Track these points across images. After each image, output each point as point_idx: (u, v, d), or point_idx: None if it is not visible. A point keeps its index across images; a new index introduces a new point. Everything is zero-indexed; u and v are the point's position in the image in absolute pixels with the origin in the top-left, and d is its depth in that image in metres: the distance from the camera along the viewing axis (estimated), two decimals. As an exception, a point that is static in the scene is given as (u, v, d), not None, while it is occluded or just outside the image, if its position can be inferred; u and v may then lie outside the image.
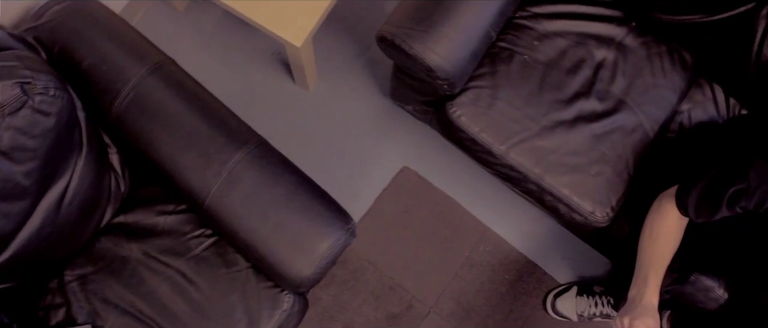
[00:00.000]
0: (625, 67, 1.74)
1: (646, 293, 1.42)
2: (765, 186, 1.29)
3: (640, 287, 1.44)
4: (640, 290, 1.43)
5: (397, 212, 2.01)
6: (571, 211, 1.69)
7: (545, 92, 1.69)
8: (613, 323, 1.42)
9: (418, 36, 1.52)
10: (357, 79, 2.08)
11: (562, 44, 1.73)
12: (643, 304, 1.41)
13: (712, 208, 1.38)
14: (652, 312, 1.40)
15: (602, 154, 1.68)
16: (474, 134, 1.66)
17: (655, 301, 1.43)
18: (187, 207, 1.63)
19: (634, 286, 1.46)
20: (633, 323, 1.37)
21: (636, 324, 1.36)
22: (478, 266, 2.00)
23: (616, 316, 1.44)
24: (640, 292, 1.43)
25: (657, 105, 1.74)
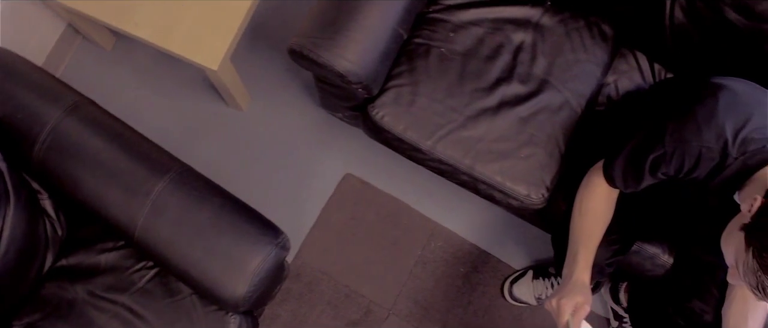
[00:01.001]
0: (544, 47, 1.77)
1: (575, 270, 1.42)
2: (681, 150, 1.30)
3: (570, 265, 1.45)
4: (570, 268, 1.44)
5: (344, 220, 2.04)
6: (507, 196, 1.71)
7: (466, 82, 1.71)
8: (546, 304, 1.43)
9: (325, 44, 1.54)
10: (289, 94, 2.10)
11: (478, 32, 1.76)
12: (572, 282, 1.41)
13: (637, 177, 1.40)
14: (582, 289, 1.39)
15: (531, 136, 1.70)
16: (399, 133, 1.69)
17: (586, 278, 1.43)
18: (125, 242, 1.66)
19: (566, 264, 1.47)
20: (560, 302, 1.36)
21: (563, 303, 1.35)
22: (432, 263, 2.03)
23: (548, 297, 1.46)
24: (570, 270, 1.44)
25: (581, 80, 1.77)
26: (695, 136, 1.29)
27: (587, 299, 1.37)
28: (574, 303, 1.36)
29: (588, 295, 1.39)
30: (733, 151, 1.26)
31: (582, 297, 1.37)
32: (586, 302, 1.36)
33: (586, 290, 1.40)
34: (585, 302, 1.36)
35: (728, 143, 1.26)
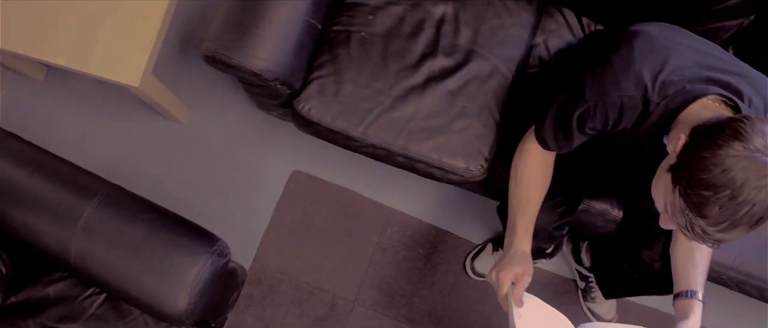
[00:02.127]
0: (466, 16, 1.76)
1: (514, 240, 1.42)
2: (603, 102, 1.30)
3: (510, 236, 1.44)
4: (510, 239, 1.43)
5: (297, 218, 2.04)
6: (446, 173, 1.71)
7: (390, 63, 1.71)
8: (487, 277, 1.42)
9: (235, 46, 1.54)
10: (227, 99, 2.10)
11: (397, 11, 1.75)
12: (511, 252, 1.40)
13: (567, 136, 1.39)
14: (521, 260, 1.38)
15: (462, 109, 1.70)
16: (328, 124, 1.69)
17: (526, 247, 1.42)
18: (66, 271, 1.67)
19: (506, 235, 1.47)
20: (498, 275, 1.35)
21: (501, 276, 1.35)
22: (390, 249, 2.03)
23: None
24: (510, 240, 1.43)
25: (509, 45, 1.76)
26: (614, 86, 1.28)
27: (527, 270, 1.37)
28: (513, 275, 1.35)
29: (528, 265, 1.38)
30: (654, 97, 1.25)
31: (521, 268, 1.36)
32: (526, 273, 1.36)
33: (526, 259, 1.40)
34: (525, 272, 1.36)
35: (648, 89, 1.26)
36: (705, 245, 1.18)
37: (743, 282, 1.75)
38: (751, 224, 1.07)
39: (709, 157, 1.06)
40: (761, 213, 1.05)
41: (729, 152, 1.04)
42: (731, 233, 1.08)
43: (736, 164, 1.03)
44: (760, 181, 1.03)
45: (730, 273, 1.74)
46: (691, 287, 1.39)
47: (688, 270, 1.42)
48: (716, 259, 1.72)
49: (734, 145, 1.04)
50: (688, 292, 1.38)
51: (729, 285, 1.79)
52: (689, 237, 1.16)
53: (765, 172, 1.03)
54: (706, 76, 1.27)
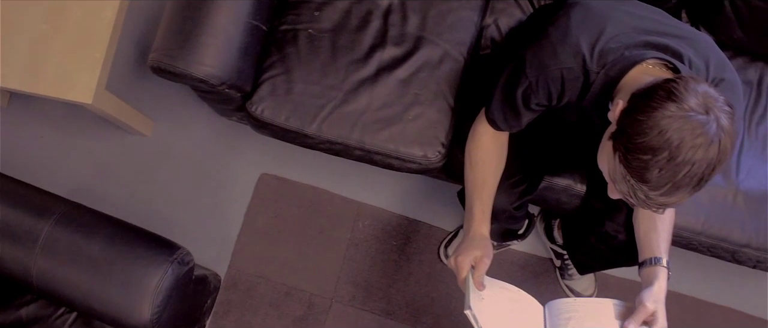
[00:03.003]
0: (413, 4, 1.77)
1: (472, 224, 1.42)
2: (543, 77, 1.30)
3: (468, 220, 1.45)
4: (468, 223, 1.44)
5: (269, 220, 2.05)
6: (404, 162, 1.72)
7: (340, 57, 1.72)
8: (447, 262, 1.43)
9: (178, 54, 1.56)
10: (190, 109, 2.12)
11: (344, 5, 1.76)
12: (469, 236, 1.41)
13: (515, 114, 1.39)
14: (480, 243, 1.39)
15: (415, 97, 1.70)
16: (282, 124, 1.70)
17: (484, 230, 1.43)
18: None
19: (465, 219, 1.47)
20: (457, 260, 1.36)
21: (460, 261, 1.35)
22: (364, 243, 2.04)
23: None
24: (468, 224, 1.44)
25: (458, 29, 1.76)
26: (552, 59, 1.29)
27: (487, 252, 1.37)
28: (471, 258, 1.35)
29: (487, 248, 1.38)
30: (593, 66, 1.26)
31: (480, 251, 1.36)
32: (485, 255, 1.36)
33: (485, 243, 1.40)
34: (484, 255, 1.36)
35: (586, 59, 1.26)
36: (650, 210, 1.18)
37: (714, 246, 1.75)
38: (693, 184, 1.07)
39: (645, 120, 1.06)
40: (701, 173, 1.05)
41: (663, 114, 1.04)
42: (674, 195, 1.09)
43: (671, 124, 1.03)
44: (696, 140, 1.03)
45: (700, 238, 1.73)
46: (655, 255, 1.39)
47: (651, 238, 1.42)
48: (684, 225, 1.72)
49: (668, 106, 1.04)
50: (651, 259, 1.38)
51: (700, 250, 1.79)
52: (634, 204, 1.16)
53: (701, 130, 1.03)
54: (644, 40, 1.27)
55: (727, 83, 1.29)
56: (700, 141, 1.03)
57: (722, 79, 1.28)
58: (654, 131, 1.04)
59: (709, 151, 1.04)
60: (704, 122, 1.03)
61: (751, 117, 1.79)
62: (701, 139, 1.03)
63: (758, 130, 1.78)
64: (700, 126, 1.03)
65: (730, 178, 1.73)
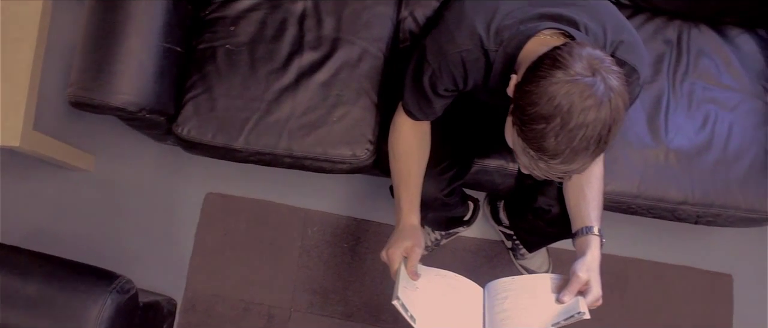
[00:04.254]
0: (327, 6, 1.79)
1: (401, 216, 1.44)
2: (444, 62, 1.33)
3: (396, 212, 1.46)
4: (397, 215, 1.46)
5: (219, 238, 2.08)
6: (334, 164, 1.74)
7: (259, 69, 1.74)
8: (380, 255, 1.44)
9: (93, 86, 1.58)
10: (128, 138, 2.14)
11: (258, 16, 1.79)
12: (399, 227, 1.43)
13: (427, 102, 1.42)
14: (410, 233, 1.40)
15: (338, 98, 1.73)
16: (209, 141, 1.72)
17: (413, 220, 1.44)
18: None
19: (394, 211, 1.49)
20: (388, 252, 1.38)
21: (391, 253, 1.37)
22: (315, 249, 2.07)
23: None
24: (397, 216, 1.46)
25: (374, 25, 1.79)
26: (450, 44, 1.31)
27: (417, 242, 1.38)
28: (402, 249, 1.37)
29: (417, 237, 1.40)
30: (490, 45, 1.28)
31: (411, 241, 1.38)
32: (416, 245, 1.37)
33: (415, 232, 1.41)
34: (415, 244, 1.37)
35: (483, 39, 1.28)
36: (555, 180, 1.21)
37: (652, 207, 1.77)
38: (592, 147, 1.09)
39: (534, 90, 1.08)
40: (597, 134, 1.07)
41: (551, 81, 1.07)
42: (575, 161, 1.11)
43: (559, 90, 1.06)
44: (585, 102, 1.05)
45: (638, 201, 1.76)
46: (586, 224, 1.41)
47: (581, 208, 1.44)
48: (621, 191, 1.75)
49: (555, 73, 1.07)
50: (583, 229, 1.40)
51: (640, 213, 1.81)
52: (537, 175, 1.18)
53: (589, 92, 1.05)
54: (538, 13, 1.29)
55: (626, 45, 1.32)
56: (589, 103, 1.05)
57: (622, 41, 1.31)
58: (544, 99, 1.07)
59: (601, 112, 1.06)
60: (591, 84, 1.06)
61: (674, 75, 1.82)
62: (591, 100, 1.05)
63: (683, 88, 1.81)
64: (588, 88, 1.05)
65: (659, 138, 1.76)
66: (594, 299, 1.28)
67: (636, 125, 1.77)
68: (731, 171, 1.76)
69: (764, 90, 1.83)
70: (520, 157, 1.18)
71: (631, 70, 1.31)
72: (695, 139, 1.77)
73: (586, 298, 1.28)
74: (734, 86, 1.83)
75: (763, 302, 2.12)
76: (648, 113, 1.78)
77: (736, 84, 1.83)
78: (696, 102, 1.80)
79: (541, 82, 1.08)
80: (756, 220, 1.78)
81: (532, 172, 1.18)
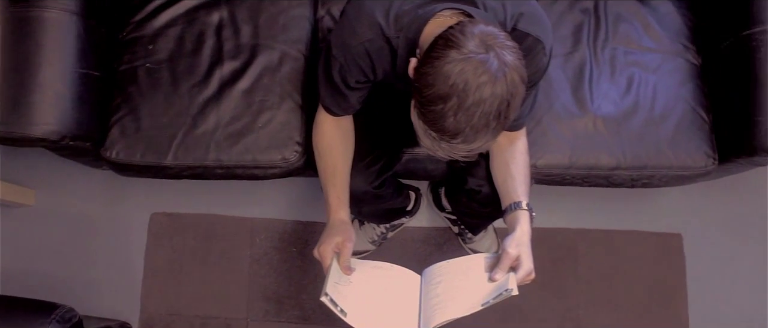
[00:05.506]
0: (243, 14, 1.82)
1: (330, 212, 1.46)
2: (350, 55, 1.34)
3: (326, 209, 1.48)
4: (327, 212, 1.48)
5: (168, 257, 2.10)
6: (265, 169, 1.76)
7: (181, 84, 1.76)
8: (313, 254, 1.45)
9: (12, 119, 1.60)
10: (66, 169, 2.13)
11: (176, 32, 1.81)
12: (329, 224, 1.45)
13: (342, 96, 1.43)
14: (340, 228, 1.42)
15: (261, 104, 1.75)
16: (138, 162, 1.74)
17: (343, 215, 1.46)
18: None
19: (325, 208, 1.50)
20: (319, 249, 1.39)
21: (322, 250, 1.39)
22: (265, 257, 2.08)
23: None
24: (327, 213, 1.47)
25: (292, 27, 1.82)
26: (353, 36, 1.32)
27: (347, 236, 1.40)
28: (333, 245, 1.39)
29: (347, 232, 1.42)
30: (391, 32, 1.29)
31: (341, 236, 1.40)
32: (346, 240, 1.40)
33: (344, 227, 1.43)
34: (346, 239, 1.40)
35: (383, 27, 1.29)
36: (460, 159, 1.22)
37: (586, 176, 1.80)
38: (492, 124, 1.10)
39: (429, 71, 1.10)
40: (495, 110, 1.09)
41: (445, 62, 1.08)
42: (478, 139, 1.12)
43: (453, 70, 1.07)
44: (480, 78, 1.07)
45: (571, 172, 1.78)
46: (514, 199, 1.42)
47: (508, 184, 1.46)
48: (553, 164, 1.78)
49: (449, 53, 1.08)
50: (511, 205, 1.42)
51: (575, 183, 1.84)
52: (442, 156, 1.20)
53: (483, 69, 1.07)
54: None
55: (526, 16, 1.33)
56: (484, 79, 1.07)
57: (522, 14, 1.32)
58: (439, 80, 1.08)
59: (497, 87, 1.08)
60: (485, 60, 1.07)
61: (594, 43, 1.84)
62: (485, 76, 1.07)
63: (604, 55, 1.83)
64: (482, 65, 1.07)
65: (586, 107, 1.78)
66: (525, 273, 1.30)
67: (561, 97, 1.79)
68: (660, 131, 1.78)
69: (684, 48, 1.86)
70: (422, 139, 1.20)
71: (535, 41, 1.33)
72: (621, 104, 1.79)
73: (517, 273, 1.29)
74: (655, 48, 1.86)
75: (713, 257, 2.15)
76: (572, 84, 1.81)
77: (657, 45, 1.86)
78: (619, 67, 1.83)
79: (436, 63, 1.10)
80: (690, 176, 1.81)
81: (436, 153, 1.20)
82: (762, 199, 2.20)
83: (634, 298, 2.10)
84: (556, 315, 2.07)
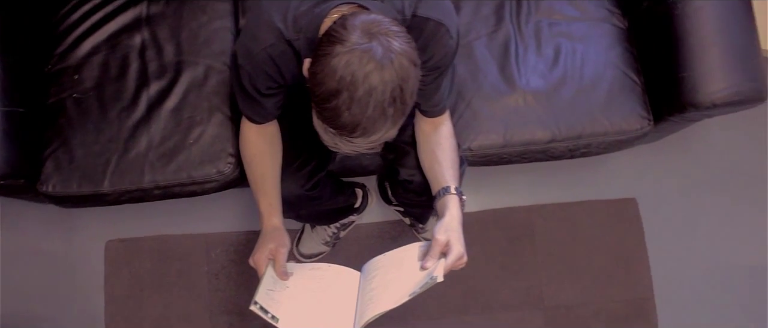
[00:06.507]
0: (164, 33, 1.83)
1: (263, 220, 1.47)
2: (254, 62, 1.34)
3: (259, 217, 1.49)
4: (260, 220, 1.48)
5: (127, 283, 2.11)
6: (202, 185, 1.78)
7: (109, 110, 1.77)
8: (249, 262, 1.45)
9: (-62, 165, 1.61)
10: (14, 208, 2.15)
11: (99, 59, 1.82)
12: (262, 231, 1.45)
13: (257, 104, 1.43)
14: (273, 235, 1.43)
15: (191, 120, 1.76)
16: (76, 192, 1.75)
17: (275, 221, 1.47)
18: None
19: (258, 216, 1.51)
20: (254, 258, 1.40)
21: (256, 258, 1.39)
22: (222, 271, 2.10)
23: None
24: (260, 221, 1.48)
25: (214, 41, 1.83)
26: (255, 44, 1.33)
27: (281, 242, 1.41)
28: (266, 252, 1.40)
29: (280, 238, 1.43)
30: (291, 35, 1.29)
31: (274, 243, 1.41)
32: (280, 246, 1.40)
33: (277, 234, 1.44)
34: (279, 245, 1.40)
35: (283, 31, 1.30)
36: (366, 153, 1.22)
37: (523, 152, 1.81)
38: (389, 111, 1.10)
39: (318, 70, 1.11)
40: (389, 97, 1.09)
41: (330, 58, 1.09)
42: (377, 129, 1.13)
43: (339, 63, 1.08)
44: (366, 67, 1.07)
45: (507, 150, 1.79)
46: (442, 185, 1.43)
47: (436, 170, 1.47)
48: (487, 144, 1.79)
49: (334, 49, 1.09)
50: (440, 191, 1.43)
51: (513, 161, 1.85)
52: (345, 152, 1.20)
53: (369, 57, 1.07)
54: None
55: (425, 1, 1.33)
56: (370, 67, 1.07)
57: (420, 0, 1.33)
58: (328, 77, 1.09)
59: (385, 73, 1.08)
60: (369, 49, 1.08)
61: (517, 19, 1.85)
62: (371, 65, 1.07)
63: (528, 29, 1.84)
64: (366, 54, 1.07)
65: (514, 84, 1.79)
66: (455, 258, 1.30)
67: (489, 76, 1.80)
68: (592, 99, 1.79)
69: (609, 13, 1.87)
70: (323, 137, 1.20)
71: (437, 25, 1.33)
72: (550, 77, 1.80)
73: (448, 258, 1.29)
74: (579, 16, 1.86)
75: (669, 216, 2.16)
76: (499, 62, 1.81)
77: (581, 13, 1.86)
78: (544, 40, 1.83)
79: (322, 60, 1.10)
80: (627, 140, 1.82)
81: (341, 150, 1.20)
82: (708, 152, 2.21)
83: (595, 267, 2.11)
84: (519, 295, 2.08)
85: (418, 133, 1.54)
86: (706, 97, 1.67)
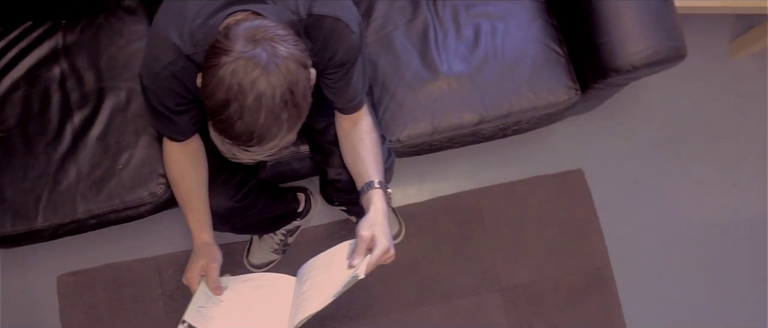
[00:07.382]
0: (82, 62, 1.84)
1: (194, 236, 1.48)
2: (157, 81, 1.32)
3: (191, 234, 1.49)
4: (192, 237, 1.49)
5: (83, 316, 2.11)
6: (137, 208, 1.78)
7: (35, 145, 1.77)
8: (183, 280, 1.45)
9: None
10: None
11: (20, 95, 1.82)
12: (194, 248, 1.46)
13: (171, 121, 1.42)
14: (203, 251, 1.44)
15: (117, 146, 1.77)
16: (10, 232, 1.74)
17: (205, 237, 1.48)
18: None
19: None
20: (186, 275, 1.41)
21: (188, 276, 1.40)
22: (177, 291, 2.11)
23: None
24: (192, 238, 1.49)
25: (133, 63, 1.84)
26: (156, 62, 1.32)
27: (211, 258, 1.42)
28: (198, 269, 1.41)
29: (210, 253, 1.44)
30: (189, 50, 1.28)
31: (204, 259, 1.42)
32: (211, 260, 1.41)
33: (207, 249, 1.45)
34: (210, 260, 1.41)
35: (180, 47, 1.29)
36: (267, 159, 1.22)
37: (453, 137, 1.81)
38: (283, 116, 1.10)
39: (207, 82, 1.11)
40: (279, 101, 1.09)
41: (217, 69, 1.09)
42: (273, 137, 1.12)
43: (225, 73, 1.08)
44: (252, 75, 1.07)
45: (436, 137, 1.79)
46: (366, 180, 1.43)
47: (359, 166, 1.47)
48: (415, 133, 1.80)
49: (219, 60, 1.09)
50: (364, 186, 1.43)
51: (445, 147, 1.86)
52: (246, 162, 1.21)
53: (253, 64, 1.07)
54: (223, 1, 1.29)
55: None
56: (256, 73, 1.07)
57: None
58: (217, 88, 1.09)
59: (272, 78, 1.08)
60: (253, 56, 1.08)
61: (434, 5, 1.85)
62: (256, 71, 1.07)
63: (445, 14, 1.85)
64: (250, 61, 1.07)
65: (437, 70, 1.80)
66: (381, 252, 1.30)
67: (411, 65, 1.80)
68: (516, 75, 1.80)
69: (526, -13, 1.86)
70: (221, 148, 1.21)
71: (334, 21, 1.33)
72: (472, 59, 1.80)
73: (373, 254, 1.29)
74: (495, -6, 1.86)
75: (617, 183, 2.17)
76: (419, 50, 1.81)
77: (498, -9, 1.86)
78: (463, 22, 1.84)
79: (209, 72, 1.10)
80: (557, 112, 1.83)
81: (241, 159, 1.20)
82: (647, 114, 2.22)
83: (549, 242, 2.12)
84: (475, 279, 2.08)
85: (338, 131, 1.54)
86: (625, 60, 1.67)
